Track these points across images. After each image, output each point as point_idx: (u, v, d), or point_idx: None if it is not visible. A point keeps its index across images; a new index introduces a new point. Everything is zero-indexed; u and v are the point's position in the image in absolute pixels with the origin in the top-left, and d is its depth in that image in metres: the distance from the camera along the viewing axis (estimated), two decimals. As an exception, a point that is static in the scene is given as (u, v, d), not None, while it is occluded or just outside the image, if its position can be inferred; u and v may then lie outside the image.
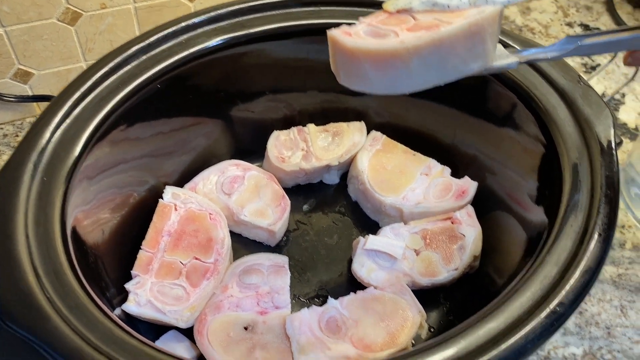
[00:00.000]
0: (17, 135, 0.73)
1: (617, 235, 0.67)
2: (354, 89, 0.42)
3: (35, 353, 0.35)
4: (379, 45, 0.39)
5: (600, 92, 0.80)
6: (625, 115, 0.80)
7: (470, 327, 0.38)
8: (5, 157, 0.71)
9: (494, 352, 0.36)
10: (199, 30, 0.55)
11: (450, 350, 0.36)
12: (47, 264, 0.39)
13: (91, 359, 0.34)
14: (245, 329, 0.50)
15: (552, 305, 0.38)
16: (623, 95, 0.82)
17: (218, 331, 0.49)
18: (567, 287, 0.39)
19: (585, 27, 0.92)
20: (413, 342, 0.50)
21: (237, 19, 0.56)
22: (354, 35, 0.40)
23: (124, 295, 0.50)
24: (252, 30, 0.56)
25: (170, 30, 0.53)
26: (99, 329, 0.36)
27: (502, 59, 0.43)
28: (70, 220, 0.43)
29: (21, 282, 0.37)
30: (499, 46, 0.43)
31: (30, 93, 0.72)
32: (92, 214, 0.48)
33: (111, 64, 0.50)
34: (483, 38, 0.40)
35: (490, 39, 0.41)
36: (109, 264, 0.50)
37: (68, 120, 0.46)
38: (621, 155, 0.74)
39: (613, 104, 0.81)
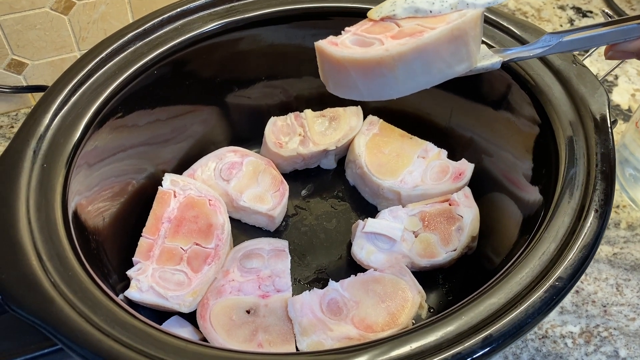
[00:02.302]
0: (12, 127, 0.73)
1: (612, 215, 0.67)
2: (343, 96, 0.44)
3: (40, 335, 0.35)
4: (364, 53, 0.40)
5: (593, 74, 0.80)
6: (619, 96, 0.81)
7: (471, 304, 0.38)
8: (1, 149, 0.71)
9: (495, 327, 0.36)
10: (195, 16, 0.55)
11: (452, 326, 0.37)
12: (50, 249, 0.39)
13: (96, 340, 0.34)
14: (248, 312, 0.51)
15: (551, 280, 0.38)
16: (616, 77, 0.83)
17: (220, 315, 0.50)
18: (566, 262, 0.39)
19: (578, 10, 0.92)
20: (413, 322, 0.51)
21: (232, 4, 0.56)
22: (341, 44, 0.41)
23: (125, 282, 0.50)
24: (247, 15, 0.56)
25: (166, 15, 0.53)
26: (103, 312, 0.36)
27: (486, 59, 0.44)
28: (71, 207, 0.44)
29: (25, 267, 0.37)
30: (483, 46, 0.45)
31: (24, 83, 0.72)
32: (92, 202, 0.48)
33: (108, 50, 0.50)
34: (466, 41, 0.41)
35: (473, 42, 0.42)
36: (111, 251, 0.50)
37: (66, 107, 0.46)
38: (615, 136, 0.75)
39: (606, 85, 0.82)
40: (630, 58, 0.45)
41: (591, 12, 0.92)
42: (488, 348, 0.36)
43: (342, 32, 0.43)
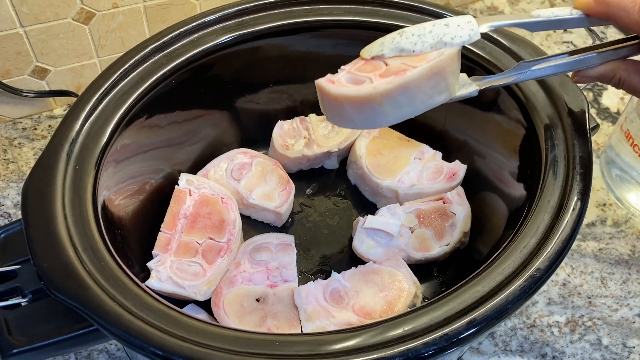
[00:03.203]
0: (35, 129, 0.77)
1: (598, 212, 0.71)
2: (339, 126, 0.48)
3: (76, 317, 0.40)
4: (356, 91, 0.44)
5: (583, 79, 0.84)
6: (608, 100, 0.84)
7: (458, 292, 0.42)
8: (25, 149, 0.75)
9: (479, 312, 0.40)
10: (209, 29, 0.58)
11: (440, 311, 0.40)
12: (83, 241, 0.43)
13: (127, 321, 0.38)
14: (257, 300, 0.55)
15: (530, 270, 0.42)
16: (606, 82, 0.86)
17: (233, 303, 0.54)
18: (544, 255, 0.43)
19: None
20: (409, 310, 0.55)
21: (242, 18, 0.59)
22: (337, 82, 0.46)
23: (146, 273, 0.54)
24: (256, 28, 0.59)
25: (182, 29, 0.57)
26: (132, 297, 0.40)
27: (465, 88, 0.48)
28: (99, 205, 0.48)
29: (63, 257, 0.41)
30: (463, 75, 0.48)
31: (47, 88, 0.76)
32: (117, 199, 0.52)
33: (130, 62, 0.54)
34: (444, 76, 0.45)
35: (451, 75, 0.46)
36: (133, 244, 0.54)
37: (95, 114, 0.50)
38: (602, 138, 0.79)
39: (596, 89, 0.85)
40: (593, 82, 0.49)
41: None
42: (472, 330, 0.39)
43: (339, 70, 0.47)
